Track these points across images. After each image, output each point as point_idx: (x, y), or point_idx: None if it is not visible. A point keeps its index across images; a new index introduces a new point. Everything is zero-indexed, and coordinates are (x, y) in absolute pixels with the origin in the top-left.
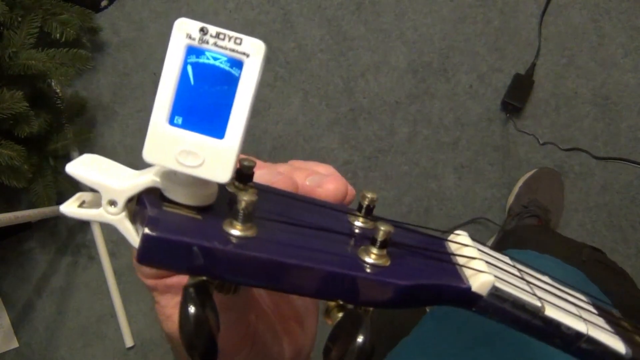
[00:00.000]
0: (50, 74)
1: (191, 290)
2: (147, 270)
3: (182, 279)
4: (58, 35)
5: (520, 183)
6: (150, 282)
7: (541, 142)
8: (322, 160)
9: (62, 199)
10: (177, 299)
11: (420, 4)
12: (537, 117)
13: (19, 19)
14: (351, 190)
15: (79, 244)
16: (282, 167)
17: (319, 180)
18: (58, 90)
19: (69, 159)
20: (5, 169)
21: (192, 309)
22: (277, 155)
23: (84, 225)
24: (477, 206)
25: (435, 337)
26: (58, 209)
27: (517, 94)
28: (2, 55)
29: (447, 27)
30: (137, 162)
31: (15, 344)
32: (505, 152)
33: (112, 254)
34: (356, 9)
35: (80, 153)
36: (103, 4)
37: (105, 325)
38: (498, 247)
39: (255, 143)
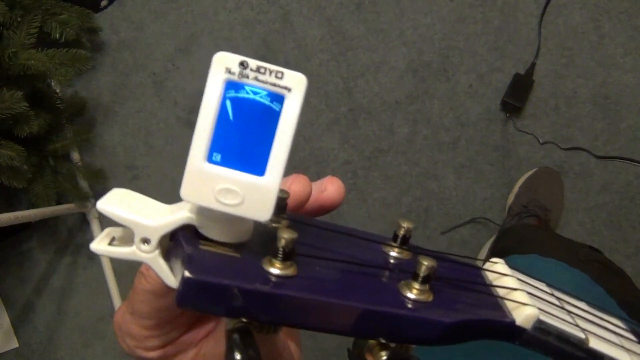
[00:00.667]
0: (50, 74)
1: (236, 336)
2: (150, 343)
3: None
4: (58, 35)
5: (520, 183)
6: (152, 354)
7: (541, 141)
8: (322, 160)
9: (62, 198)
10: None
11: (420, 4)
12: (537, 116)
13: (19, 19)
14: (332, 189)
15: (79, 244)
16: None
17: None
18: (58, 90)
19: (69, 159)
20: (5, 169)
21: (237, 356)
22: None
23: (83, 225)
24: (477, 206)
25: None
26: (58, 209)
27: (517, 94)
28: (2, 55)
29: (447, 27)
30: (136, 162)
31: (15, 344)
32: (505, 151)
33: None
34: (356, 9)
35: (80, 153)
36: (103, 4)
37: (105, 325)
38: (496, 245)
39: None
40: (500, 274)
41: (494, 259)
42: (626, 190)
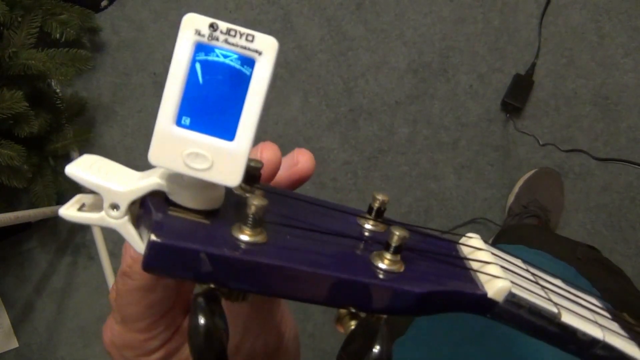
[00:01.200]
0: (50, 74)
1: (200, 300)
2: (150, 346)
3: None
4: (58, 35)
5: (520, 183)
6: (156, 356)
7: (541, 142)
8: (322, 160)
9: (62, 199)
10: None
11: (420, 4)
12: (537, 117)
13: (19, 19)
14: (304, 160)
15: (79, 244)
16: None
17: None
18: (58, 90)
19: (69, 159)
20: (5, 169)
21: (202, 320)
22: None
23: (83, 226)
24: (477, 206)
25: (429, 335)
26: (58, 209)
27: (517, 94)
28: (2, 55)
29: (447, 27)
30: (137, 162)
31: (15, 344)
32: (505, 152)
33: (112, 254)
34: (356, 9)
35: (80, 153)
36: (103, 4)
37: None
38: (493, 244)
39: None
40: (474, 248)
41: (469, 234)
42: (626, 191)
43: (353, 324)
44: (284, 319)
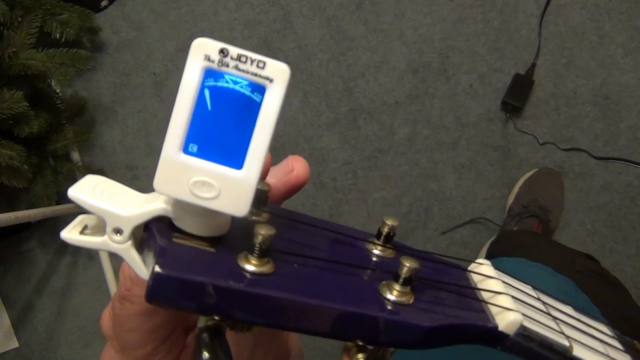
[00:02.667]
0: (50, 74)
1: (205, 335)
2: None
3: None
4: (58, 35)
5: (520, 183)
6: None
7: (541, 142)
8: (322, 160)
9: (62, 199)
10: None
11: (420, 4)
12: (537, 117)
13: (19, 19)
14: (299, 167)
15: None
16: None
17: None
18: (58, 90)
19: (69, 159)
20: (5, 169)
21: (206, 356)
22: (277, 156)
23: None
24: (477, 206)
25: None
26: (58, 209)
27: (517, 94)
28: (2, 55)
29: (447, 27)
30: (137, 162)
31: (15, 344)
32: (505, 152)
33: (112, 254)
34: (356, 9)
35: (80, 153)
36: (103, 4)
37: None
38: (492, 248)
39: None
40: (485, 276)
41: (479, 260)
42: (626, 191)
43: (360, 357)
44: (290, 334)
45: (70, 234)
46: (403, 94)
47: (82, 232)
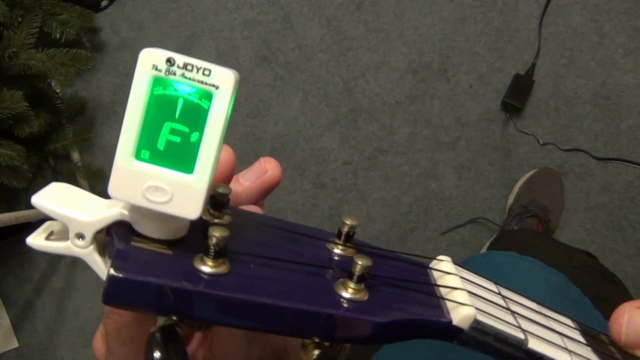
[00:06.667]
0: (50, 74)
1: (157, 335)
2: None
3: None
4: (58, 35)
5: (520, 183)
6: None
7: (541, 142)
8: (322, 160)
9: None
10: None
11: (420, 4)
12: (537, 117)
13: (19, 19)
14: (272, 167)
15: None
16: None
17: None
18: (58, 90)
19: (69, 159)
20: (5, 169)
21: (157, 354)
22: (277, 156)
23: None
24: (477, 206)
25: (415, 342)
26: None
27: (517, 94)
28: (2, 55)
29: (447, 27)
30: None
31: (15, 344)
32: (505, 152)
33: None
34: (356, 9)
35: (80, 153)
36: (103, 4)
37: None
38: (492, 247)
39: (255, 143)
40: (444, 272)
41: (440, 257)
42: (626, 191)
43: (316, 354)
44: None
45: (36, 240)
46: (403, 94)
47: (47, 238)
